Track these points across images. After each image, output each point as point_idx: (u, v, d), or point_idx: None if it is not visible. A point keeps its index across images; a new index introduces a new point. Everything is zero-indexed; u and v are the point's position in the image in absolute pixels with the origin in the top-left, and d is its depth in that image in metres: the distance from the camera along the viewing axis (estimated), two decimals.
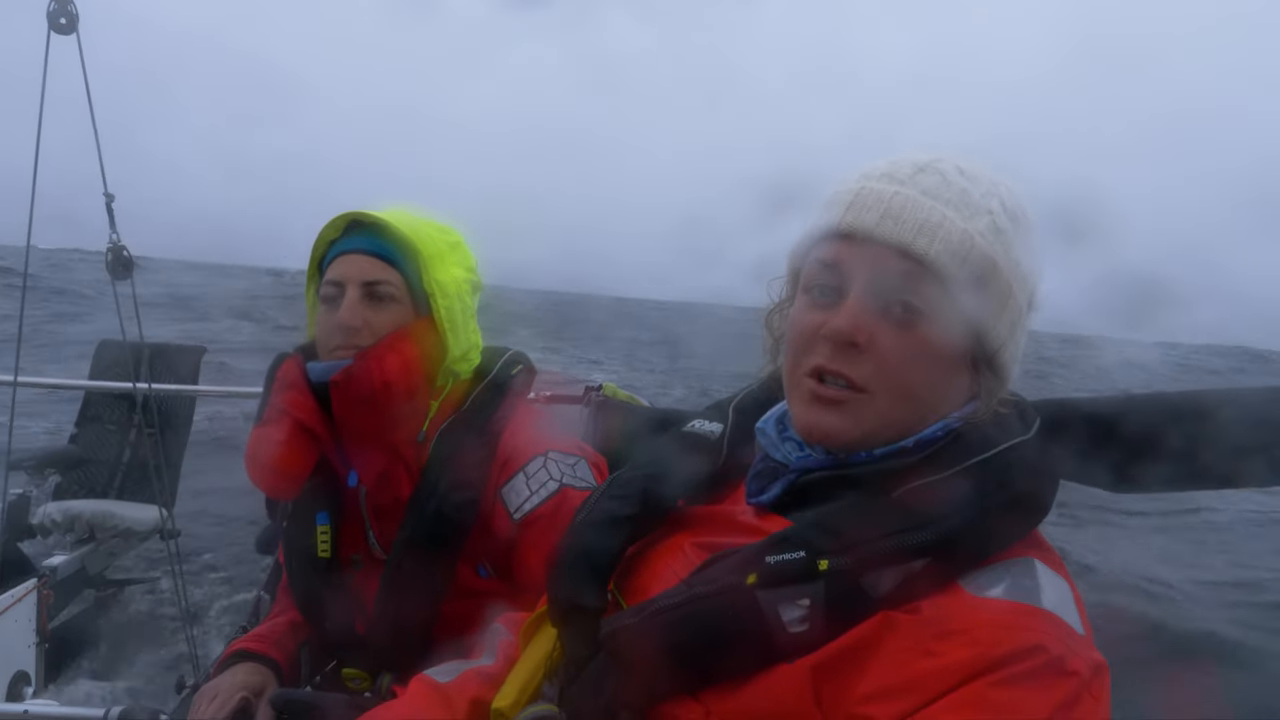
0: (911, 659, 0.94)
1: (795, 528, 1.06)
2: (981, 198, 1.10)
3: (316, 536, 1.88)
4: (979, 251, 1.07)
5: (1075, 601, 1.02)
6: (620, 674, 1.09)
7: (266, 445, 1.81)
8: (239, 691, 1.77)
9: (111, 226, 3.25)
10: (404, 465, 1.85)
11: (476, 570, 1.84)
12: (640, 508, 1.25)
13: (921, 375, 1.08)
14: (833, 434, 1.10)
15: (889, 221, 1.08)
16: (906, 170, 1.12)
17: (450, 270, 1.86)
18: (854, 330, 1.07)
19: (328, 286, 1.82)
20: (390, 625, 1.82)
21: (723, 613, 1.02)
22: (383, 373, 1.75)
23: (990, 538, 1.01)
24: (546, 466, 1.84)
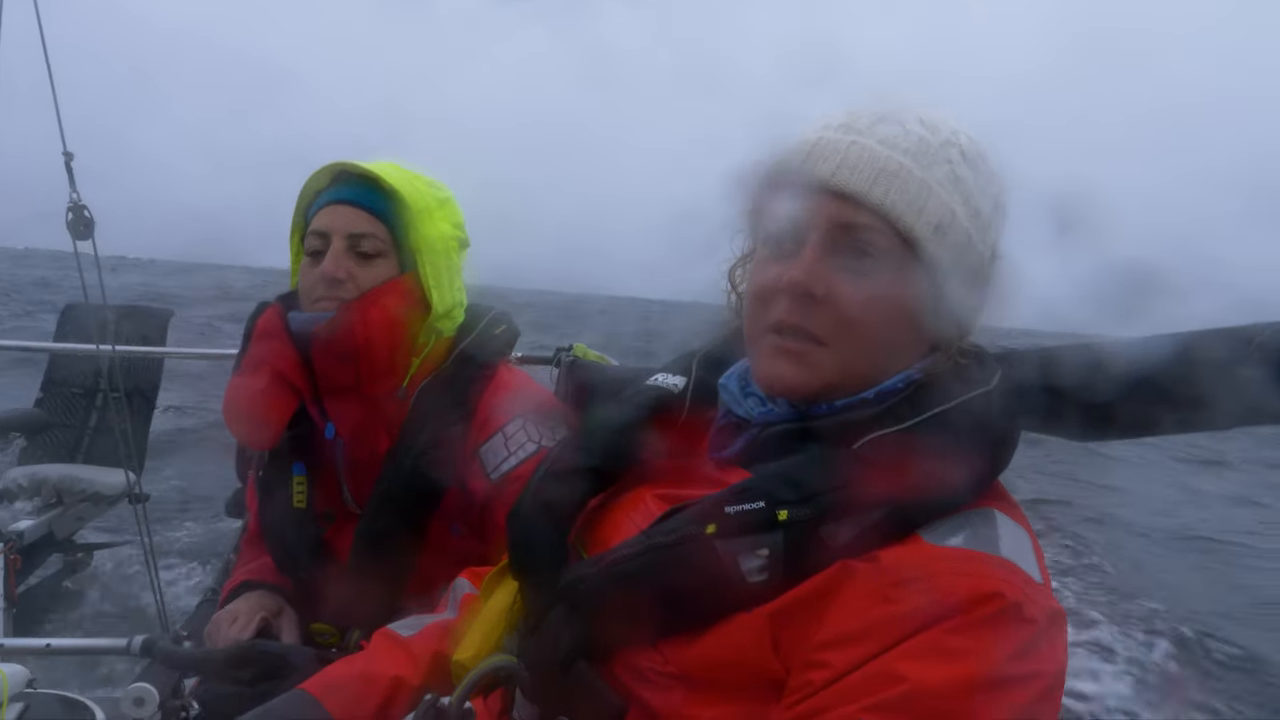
0: (869, 606, 0.94)
1: (755, 479, 1.06)
2: (940, 147, 1.09)
3: (293, 487, 1.89)
4: (937, 200, 1.07)
5: (1034, 550, 1.02)
6: (579, 625, 1.09)
7: (245, 394, 1.81)
8: (258, 613, 1.80)
9: (71, 185, 3.20)
10: (382, 420, 1.84)
11: (450, 529, 1.84)
12: (602, 460, 1.24)
13: (881, 325, 1.07)
14: (793, 386, 1.10)
15: (845, 171, 1.07)
16: (865, 120, 1.11)
17: (438, 226, 1.84)
18: (811, 281, 1.06)
19: (313, 237, 1.80)
20: (362, 580, 1.81)
21: (681, 562, 1.02)
22: (365, 326, 1.74)
23: (950, 489, 1.01)
24: (525, 428, 1.84)
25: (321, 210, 1.81)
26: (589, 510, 1.24)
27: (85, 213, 3.14)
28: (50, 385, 4.96)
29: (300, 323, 1.78)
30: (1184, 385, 1.04)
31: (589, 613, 1.08)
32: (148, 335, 4.76)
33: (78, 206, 3.14)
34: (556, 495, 1.21)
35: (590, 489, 1.24)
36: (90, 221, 3.15)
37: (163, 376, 4.92)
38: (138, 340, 4.65)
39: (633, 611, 1.04)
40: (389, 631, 1.40)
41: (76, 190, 3.17)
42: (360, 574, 1.82)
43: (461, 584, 1.49)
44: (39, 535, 4.42)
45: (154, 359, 4.79)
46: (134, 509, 3.33)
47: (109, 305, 3.54)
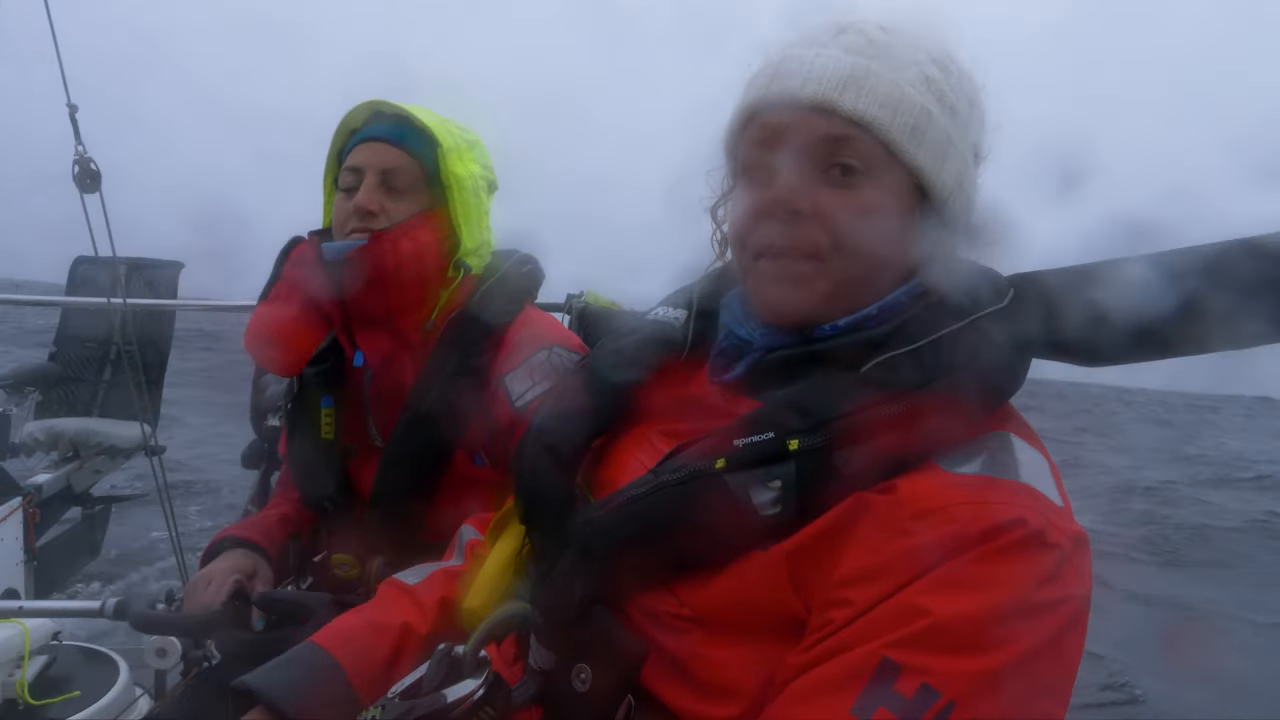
0: (888, 539, 0.91)
1: (763, 408, 1.03)
2: (906, 49, 1.07)
3: (321, 418, 1.93)
4: (910, 100, 1.04)
5: (1053, 474, 1.00)
6: (590, 568, 1.07)
7: (273, 320, 1.86)
8: (232, 575, 1.80)
9: (77, 138, 3.18)
10: (410, 351, 1.88)
11: (473, 458, 1.85)
12: (604, 399, 1.22)
13: (871, 234, 1.04)
14: (790, 309, 1.07)
15: (813, 84, 1.03)
16: (827, 33, 1.09)
17: (468, 166, 1.88)
18: (795, 197, 1.04)
19: (347, 173, 1.85)
20: (385, 509, 1.85)
21: (692, 499, 0.99)
22: (396, 255, 1.78)
23: (964, 412, 0.98)
24: (550, 359, 1.85)
25: (356, 147, 1.85)
26: (594, 451, 1.22)
27: (91, 165, 3.13)
28: (63, 340, 4.96)
29: (333, 251, 1.82)
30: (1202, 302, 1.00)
31: (601, 556, 1.06)
32: (158, 288, 4.75)
33: (84, 159, 3.12)
34: (560, 437, 1.19)
35: (594, 428, 1.21)
36: (97, 174, 3.13)
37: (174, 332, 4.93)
38: (148, 294, 4.65)
39: (645, 553, 1.02)
40: (395, 580, 1.40)
41: (82, 143, 3.14)
42: (382, 503, 1.84)
43: (467, 530, 1.48)
44: (57, 489, 4.45)
45: (165, 312, 4.79)
46: (150, 461, 3.36)
47: (118, 259, 3.54)
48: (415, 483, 1.83)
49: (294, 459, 2.00)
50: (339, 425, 1.94)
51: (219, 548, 1.90)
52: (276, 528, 1.99)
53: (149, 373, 4.49)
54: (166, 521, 3.12)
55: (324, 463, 1.92)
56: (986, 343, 1.00)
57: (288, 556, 1.99)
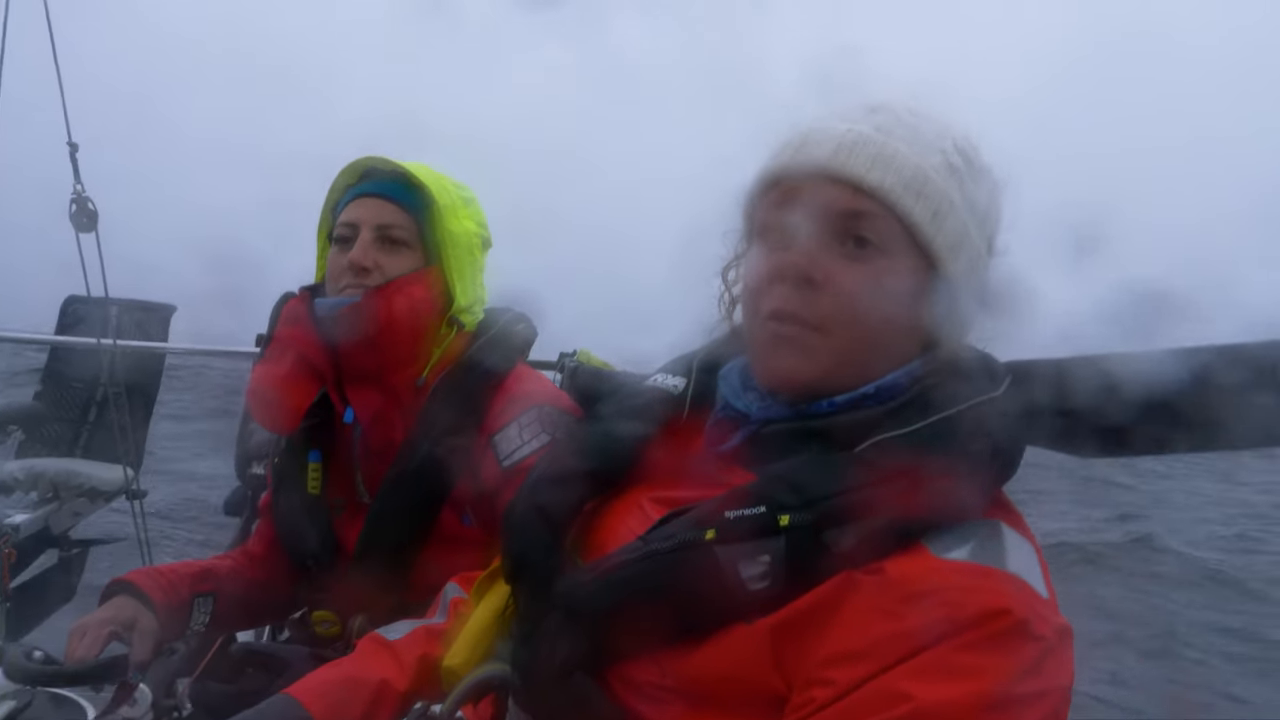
0: (874, 621, 0.91)
1: (756, 482, 1.03)
2: (934, 136, 1.09)
3: (308, 474, 1.91)
4: (933, 186, 1.05)
5: (1040, 565, 1.00)
6: (575, 634, 1.06)
7: (269, 379, 1.85)
8: (106, 627, 1.73)
9: (76, 177, 3.19)
10: (400, 409, 1.87)
11: (461, 518, 1.84)
12: (599, 462, 1.22)
13: (879, 312, 1.05)
14: (790, 375, 1.08)
15: (841, 155, 1.05)
16: (858, 110, 1.11)
17: (462, 223, 1.89)
18: (809, 266, 1.04)
19: (342, 228, 1.85)
20: (369, 567, 1.81)
21: (680, 569, 0.99)
22: (390, 311, 1.78)
23: (956, 497, 0.98)
24: (540, 419, 1.84)
25: (351, 203, 1.86)
26: (585, 514, 1.22)
27: (89, 205, 3.13)
28: (49, 379, 4.92)
29: (325, 308, 1.82)
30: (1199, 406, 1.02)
31: (586, 622, 1.05)
32: (149, 330, 4.73)
33: (81, 198, 3.13)
34: (551, 499, 1.19)
35: (586, 492, 1.21)
36: (94, 214, 3.14)
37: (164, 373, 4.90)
38: (139, 335, 4.63)
39: (630, 621, 1.02)
40: (376, 635, 1.38)
41: (80, 182, 3.16)
42: (366, 562, 1.82)
43: (451, 588, 1.47)
44: (35, 530, 4.38)
45: (155, 355, 4.77)
46: (131, 505, 3.32)
47: (111, 299, 3.53)
48: (401, 540, 1.82)
49: (279, 513, 1.97)
50: (326, 480, 1.92)
51: (111, 591, 1.83)
52: (185, 583, 1.89)
53: (135, 415, 4.45)
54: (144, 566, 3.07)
55: (309, 518, 1.90)
56: (981, 430, 1.01)
57: (188, 613, 1.88)
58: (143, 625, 1.76)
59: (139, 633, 1.75)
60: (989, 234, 1.12)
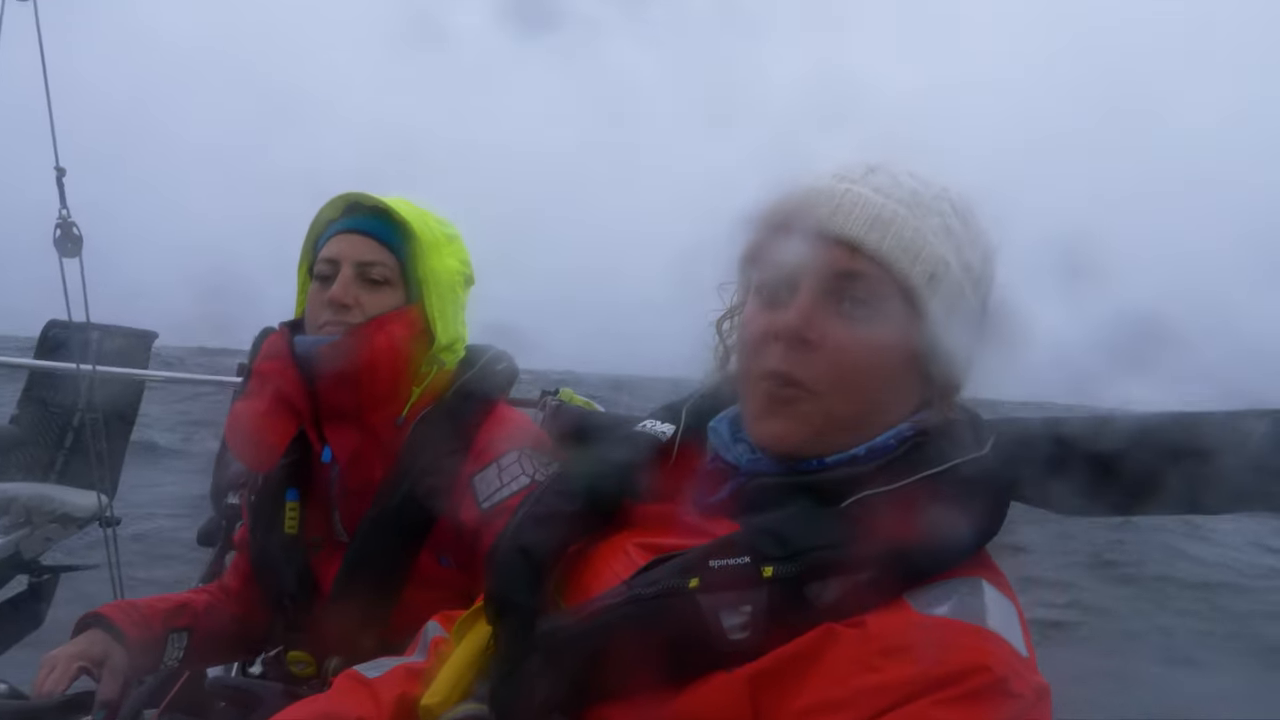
0: (853, 673, 0.92)
1: (741, 532, 1.04)
2: (933, 199, 1.10)
3: (285, 513, 1.88)
4: (930, 249, 1.07)
5: (1020, 624, 1.01)
6: (555, 675, 1.06)
7: (248, 417, 1.83)
8: (76, 662, 1.70)
9: (61, 202, 3.18)
10: (379, 448, 1.84)
11: (439, 559, 1.82)
12: (584, 505, 1.22)
13: (872, 373, 1.07)
14: (783, 437, 1.09)
15: (840, 217, 1.07)
16: (857, 171, 1.12)
17: (445, 261, 1.88)
18: (805, 326, 1.06)
19: (323, 264, 1.83)
20: (347, 607, 1.79)
21: (662, 616, 1.00)
22: (369, 351, 1.76)
23: (939, 554, 1.00)
24: (520, 461, 1.83)
25: (333, 238, 1.85)
26: (569, 556, 1.22)
27: (74, 230, 3.13)
28: (27, 402, 4.87)
29: (305, 345, 1.80)
30: (1178, 468, 1.03)
31: (566, 664, 1.05)
32: (130, 357, 4.70)
33: (66, 223, 3.12)
34: (536, 539, 1.19)
35: (571, 534, 1.21)
36: (79, 239, 3.13)
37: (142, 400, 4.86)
38: (119, 361, 4.60)
39: (611, 665, 1.02)
40: (354, 673, 1.37)
41: (66, 207, 3.15)
42: (343, 602, 1.79)
43: (432, 627, 1.46)
44: (5, 555, 4.32)
45: (135, 381, 4.73)
46: (104, 532, 3.28)
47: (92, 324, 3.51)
48: (378, 581, 1.79)
49: (255, 552, 1.95)
50: (303, 519, 1.89)
51: (84, 624, 1.81)
52: (159, 619, 1.87)
53: (112, 442, 4.42)
54: (115, 596, 3.04)
55: (286, 557, 1.87)
56: (965, 489, 1.03)
57: (162, 648, 1.87)
58: (113, 662, 1.74)
59: (108, 669, 1.73)
60: (983, 295, 1.14)
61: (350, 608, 1.78)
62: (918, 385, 1.11)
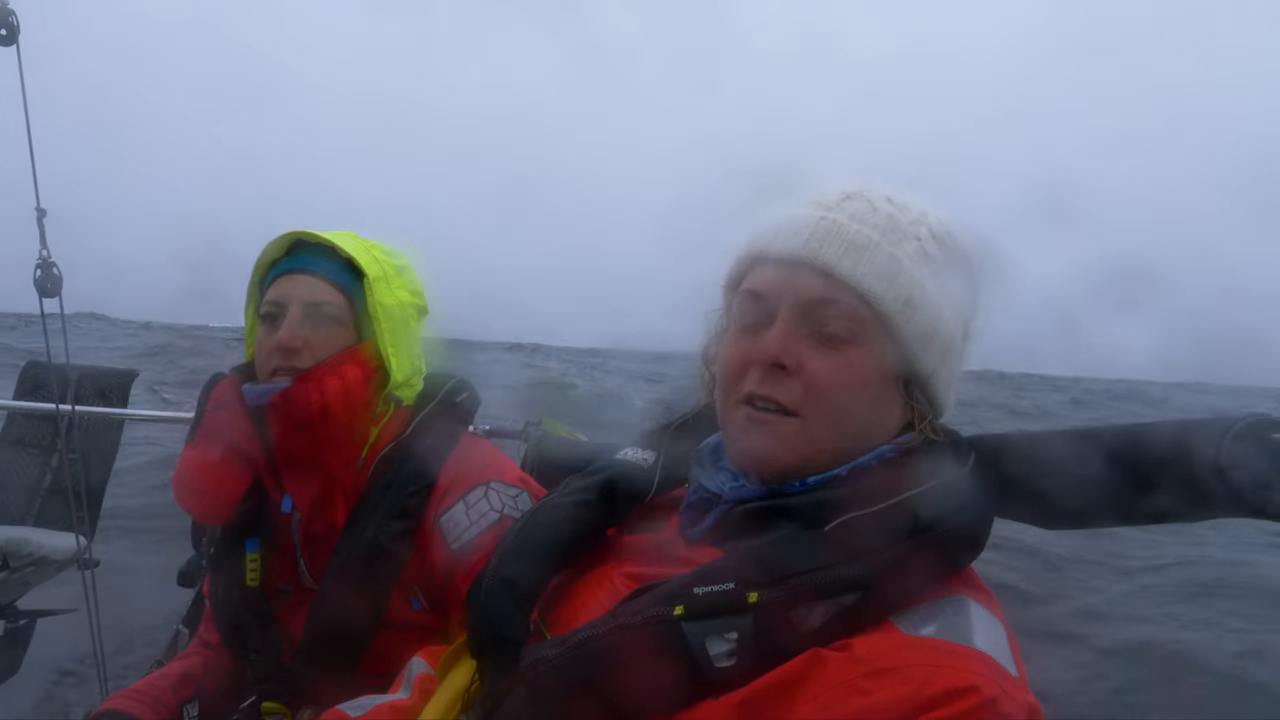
0: (841, 697, 0.91)
1: (725, 559, 1.04)
2: (909, 224, 1.12)
3: (245, 564, 1.83)
4: (906, 274, 1.08)
5: (1009, 642, 1.01)
6: (540, 708, 1.05)
7: (197, 467, 1.78)
8: None
9: (42, 243, 3.17)
10: (340, 492, 1.80)
11: (409, 602, 1.79)
12: (568, 534, 1.22)
13: (851, 398, 1.08)
14: (765, 457, 1.09)
15: (814, 244, 1.08)
16: (834, 198, 1.14)
17: (396, 293, 1.84)
18: (781, 353, 1.07)
19: (269, 305, 1.79)
20: (316, 657, 1.75)
21: (648, 645, 0.99)
22: (322, 396, 1.72)
23: (924, 575, 1.00)
24: (488, 496, 1.79)
25: (278, 279, 1.80)
26: (553, 587, 1.21)
27: (54, 270, 3.11)
28: (4, 443, 4.83)
29: (255, 395, 1.75)
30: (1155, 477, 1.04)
31: (552, 695, 1.04)
32: (109, 397, 4.66)
33: (47, 264, 3.11)
34: (518, 571, 1.18)
35: (554, 566, 1.21)
36: (58, 279, 3.12)
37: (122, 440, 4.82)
38: (98, 401, 4.56)
39: (596, 695, 1.01)
40: (337, 712, 1.35)
41: (47, 247, 3.14)
42: (313, 651, 1.75)
43: (416, 663, 1.44)
44: None
45: (113, 421, 4.69)
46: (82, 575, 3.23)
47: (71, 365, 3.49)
48: (348, 628, 1.74)
49: (216, 604, 1.89)
50: (265, 569, 1.84)
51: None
52: (169, 693, 1.86)
53: (90, 483, 4.37)
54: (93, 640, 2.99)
55: (248, 610, 1.82)
56: (947, 507, 1.03)
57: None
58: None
59: None
60: (965, 319, 1.15)
61: (321, 656, 1.74)
62: (899, 408, 1.11)
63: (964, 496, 1.05)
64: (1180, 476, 1.01)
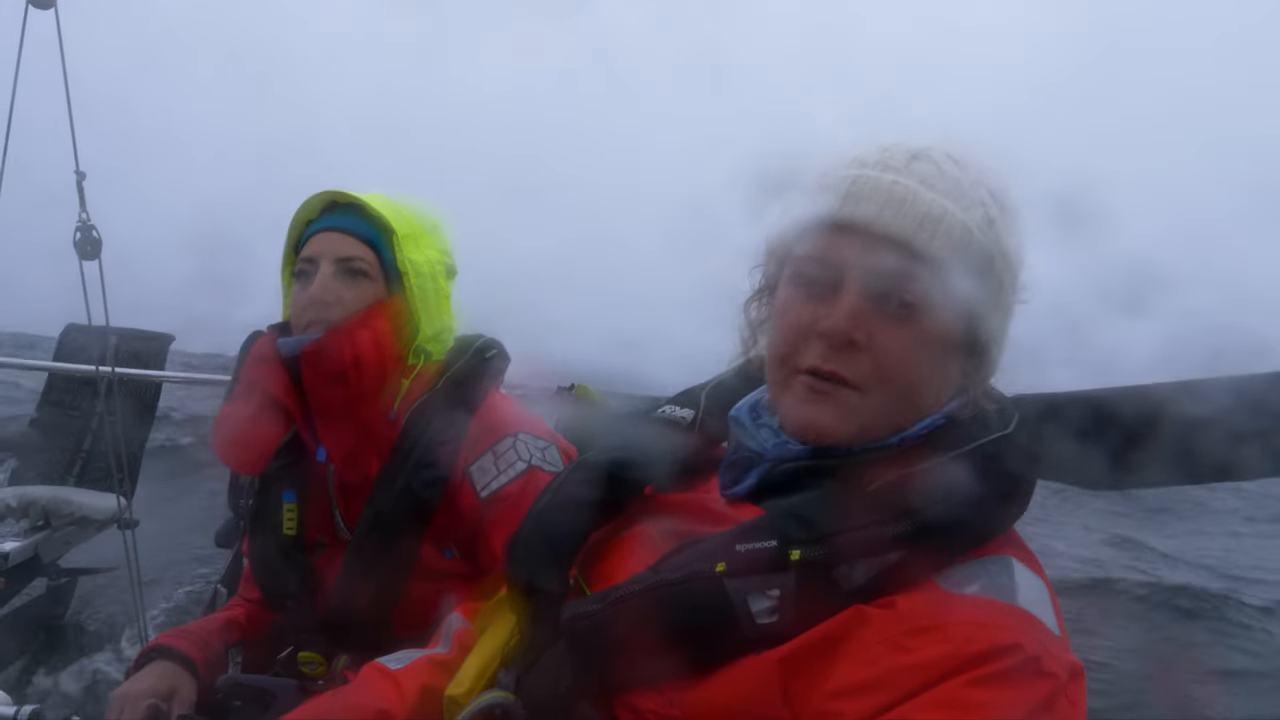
0: (884, 654, 0.91)
1: (767, 516, 1.03)
2: (973, 187, 1.08)
3: (283, 514, 1.88)
4: (977, 245, 1.05)
5: (1052, 602, 1.00)
6: (580, 662, 1.06)
7: (235, 419, 1.83)
8: (146, 699, 1.72)
9: (81, 205, 3.20)
10: (373, 443, 1.84)
11: (442, 552, 1.83)
12: (606, 492, 1.21)
13: (918, 372, 1.06)
14: (828, 431, 1.07)
15: (889, 213, 1.04)
16: (900, 158, 1.09)
17: (425, 251, 1.88)
18: (853, 328, 1.04)
19: (302, 263, 1.84)
20: (351, 605, 1.79)
21: (689, 601, 0.99)
22: (354, 347, 1.76)
23: (966, 533, 0.99)
24: (516, 447, 1.83)
25: (311, 238, 1.85)
26: (592, 543, 1.21)
27: (94, 233, 3.14)
28: (46, 405, 4.90)
29: (289, 346, 1.80)
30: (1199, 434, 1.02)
31: (591, 650, 1.05)
32: (146, 360, 4.72)
33: (86, 226, 3.14)
34: (559, 527, 1.18)
35: (594, 521, 1.21)
36: (98, 241, 3.15)
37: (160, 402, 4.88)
38: (136, 365, 4.62)
39: (637, 650, 1.01)
40: (378, 664, 1.36)
41: (86, 210, 3.17)
42: (348, 600, 1.79)
43: (455, 618, 1.45)
44: (25, 558, 4.34)
45: (152, 384, 4.76)
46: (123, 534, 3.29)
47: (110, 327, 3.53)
48: (382, 577, 1.78)
49: (255, 555, 1.95)
50: (303, 520, 1.89)
51: (148, 658, 1.82)
52: (216, 635, 1.91)
53: (130, 444, 4.43)
54: (134, 599, 3.04)
55: (285, 559, 1.87)
56: (991, 468, 1.02)
57: (225, 666, 1.89)
58: (181, 694, 1.76)
59: (178, 702, 1.75)
60: (1018, 278, 1.12)
61: (355, 605, 1.78)
62: (956, 376, 1.09)
63: (1006, 456, 1.04)
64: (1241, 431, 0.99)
